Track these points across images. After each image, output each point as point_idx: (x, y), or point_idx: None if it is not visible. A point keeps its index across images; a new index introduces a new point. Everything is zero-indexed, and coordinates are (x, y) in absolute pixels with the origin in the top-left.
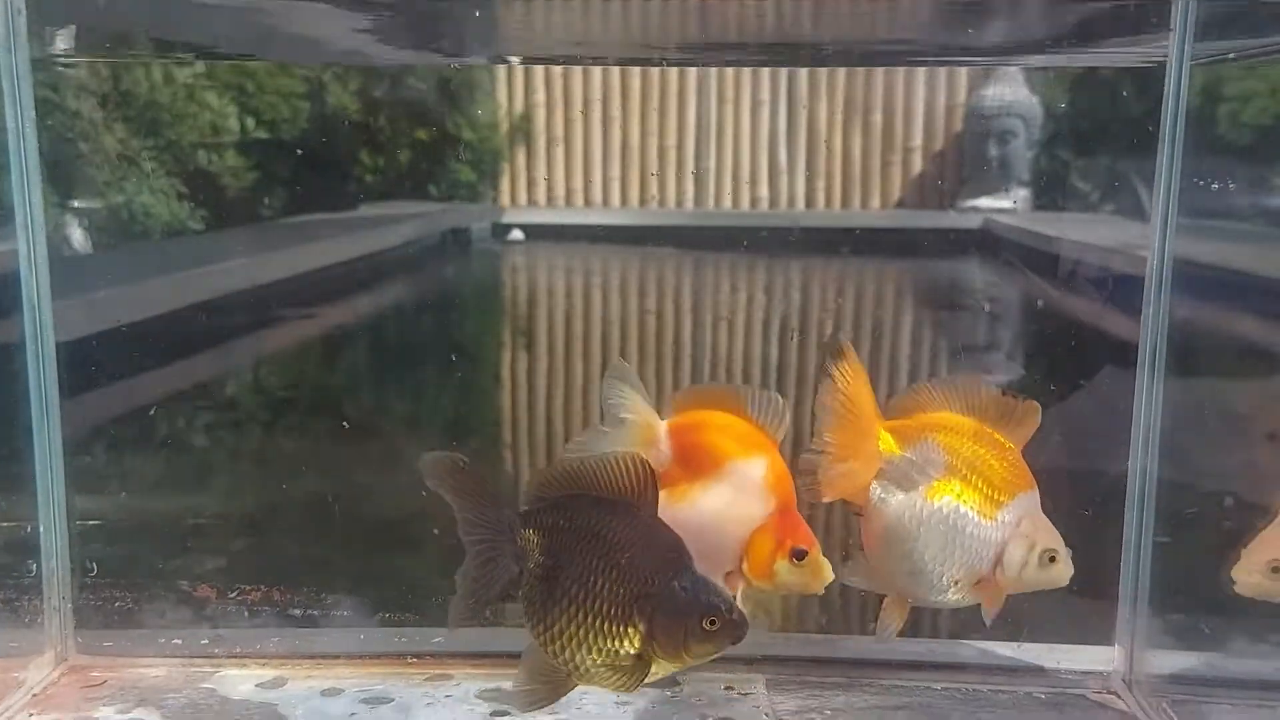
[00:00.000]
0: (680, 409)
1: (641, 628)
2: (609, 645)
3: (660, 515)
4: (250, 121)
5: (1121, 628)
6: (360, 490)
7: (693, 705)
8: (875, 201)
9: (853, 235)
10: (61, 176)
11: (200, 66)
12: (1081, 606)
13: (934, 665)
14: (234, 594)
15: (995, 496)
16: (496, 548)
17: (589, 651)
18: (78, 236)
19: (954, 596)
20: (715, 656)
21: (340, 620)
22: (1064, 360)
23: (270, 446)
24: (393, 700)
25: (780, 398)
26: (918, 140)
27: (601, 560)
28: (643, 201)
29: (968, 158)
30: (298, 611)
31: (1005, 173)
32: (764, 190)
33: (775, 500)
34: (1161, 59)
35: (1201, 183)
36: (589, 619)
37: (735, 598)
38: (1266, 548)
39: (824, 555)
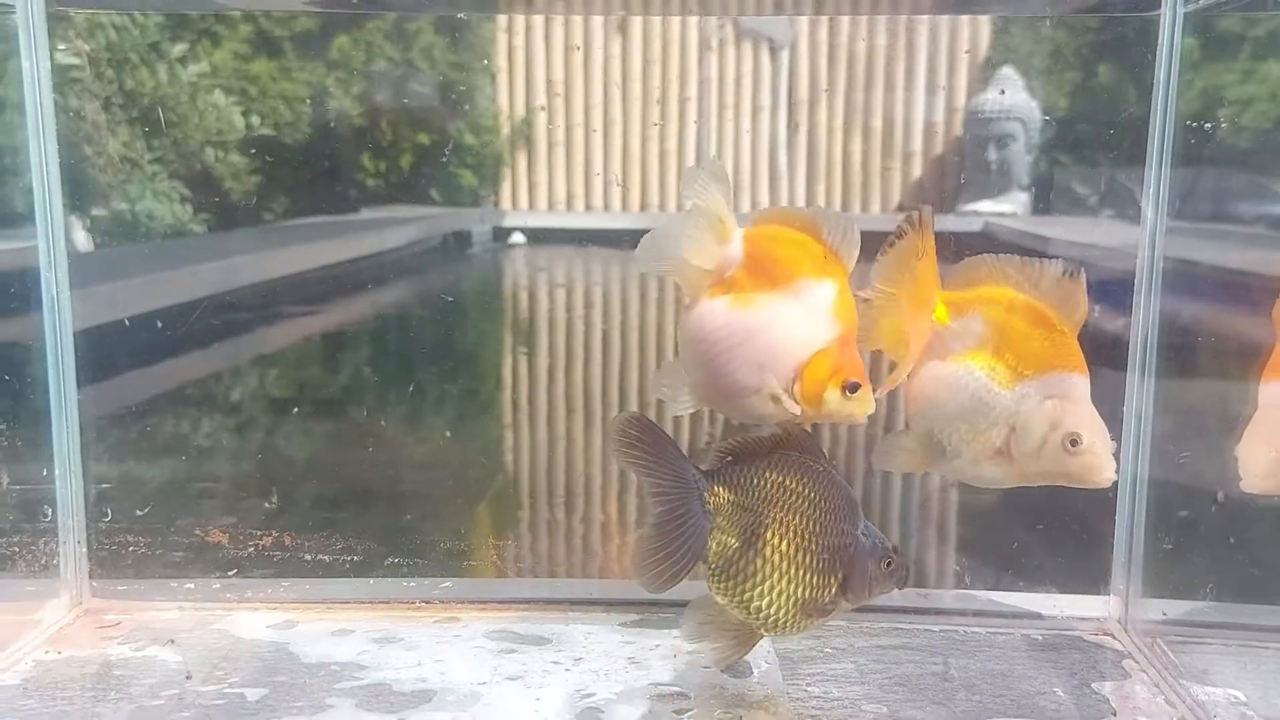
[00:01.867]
0: (758, 223)
1: (840, 576)
2: (811, 595)
3: (719, 315)
4: (255, 120)
5: (1117, 574)
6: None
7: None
8: (875, 205)
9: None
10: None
11: (206, 65)
12: (1080, 555)
13: (934, 610)
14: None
15: (1020, 369)
16: (687, 505)
17: (789, 601)
18: (83, 238)
19: (972, 464)
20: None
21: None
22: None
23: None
24: (402, 640)
25: (854, 225)
26: (917, 145)
27: (797, 515)
28: (643, 206)
29: (967, 162)
30: (308, 558)
31: (1005, 176)
32: (764, 195)
33: (839, 328)
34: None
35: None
36: (793, 570)
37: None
38: (1275, 436)
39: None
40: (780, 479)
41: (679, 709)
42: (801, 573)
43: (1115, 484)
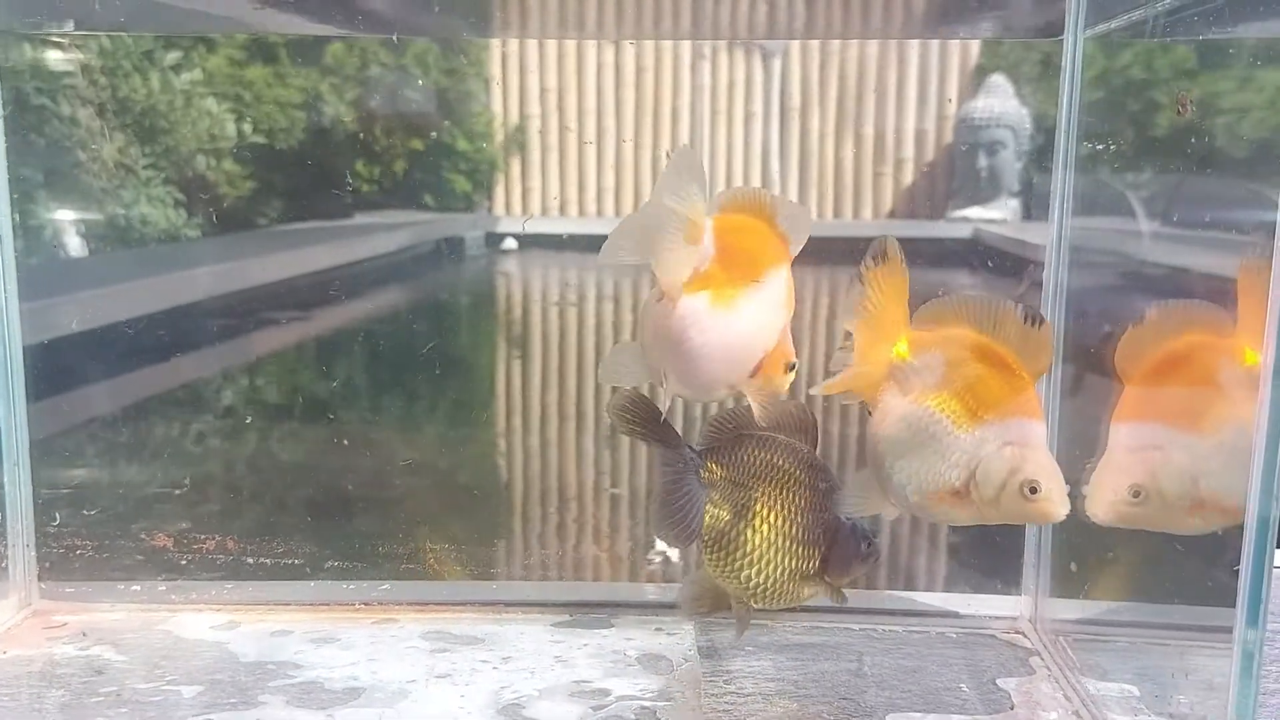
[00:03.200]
0: (724, 209)
1: (824, 550)
2: (797, 565)
3: (702, 315)
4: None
5: (1027, 575)
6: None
7: (626, 641)
8: (867, 212)
9: (844, 243)
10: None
11: (199, 73)
12: (993, 562)
13: (854, 611)
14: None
15: (979, 412)
16: (684, 479)
17: (778, 571)
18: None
19: (929, 503)
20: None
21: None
22: None
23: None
24: (339, 640)
25: (807, 212)
26: (909, 151)
27: (785, 491)
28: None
29: (958, 168)
30: (250, 561)
31: (994, 183)
32: None
33: (789, 314)
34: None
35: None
36: (781, 540)
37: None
38: (1117, 474)
39: None
40: (769, 457)
41: (598, 705)
42: (789, 544)
43: None
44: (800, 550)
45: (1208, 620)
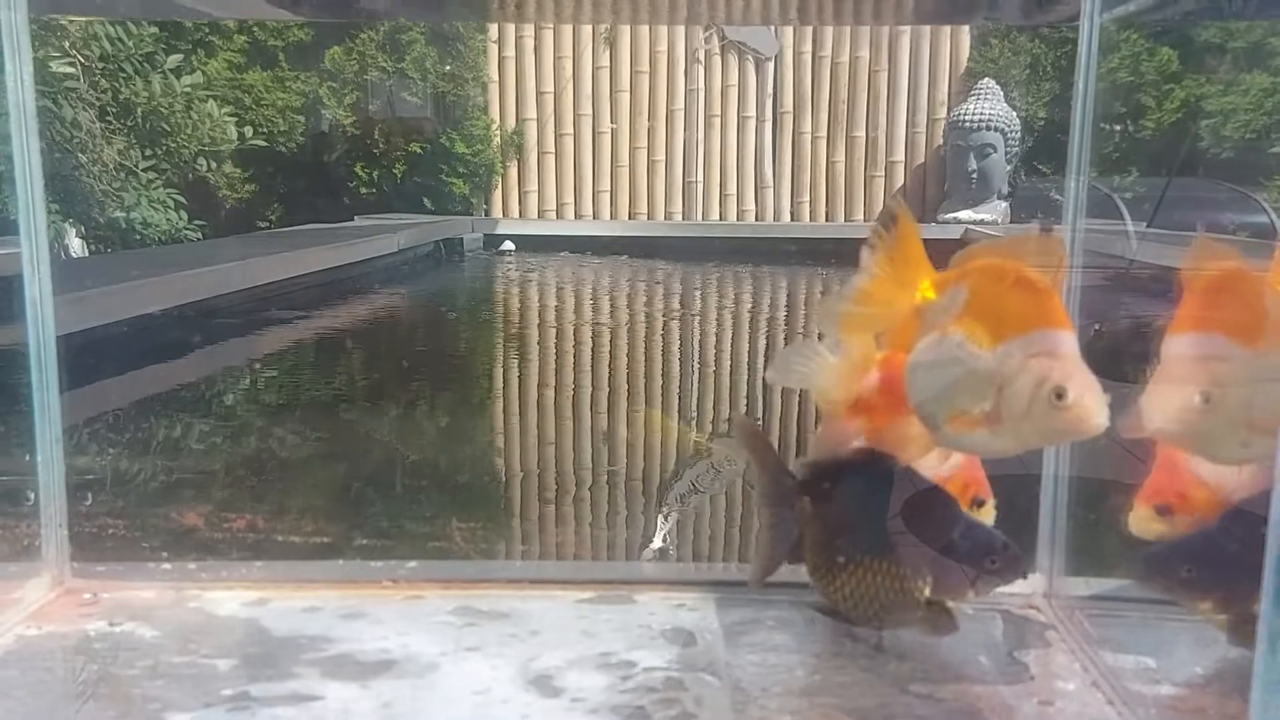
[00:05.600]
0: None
1: (929, 580)
2: (899, 600)
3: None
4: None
5: (1042, 552)
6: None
7: (650, 616)
8: (859, 214)
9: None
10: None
11: (200, 77)
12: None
13: None
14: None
15: (1001, 329)
16: (781, 514)
17: (879, 607)
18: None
19: (964, 433)
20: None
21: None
22: None
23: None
24: (368, 615)
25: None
26: (900, 154)
27: (877, 526)
28: (632, 214)
29: (948, 171)
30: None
31: (984, 185)
32: (750, 204)
33: None
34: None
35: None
36: (875, 578)
37: None
38: (1182, 382)
39: None
40: (861, 492)
41: (625, 675)
42: (880, 578)
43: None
44: (897, 585)
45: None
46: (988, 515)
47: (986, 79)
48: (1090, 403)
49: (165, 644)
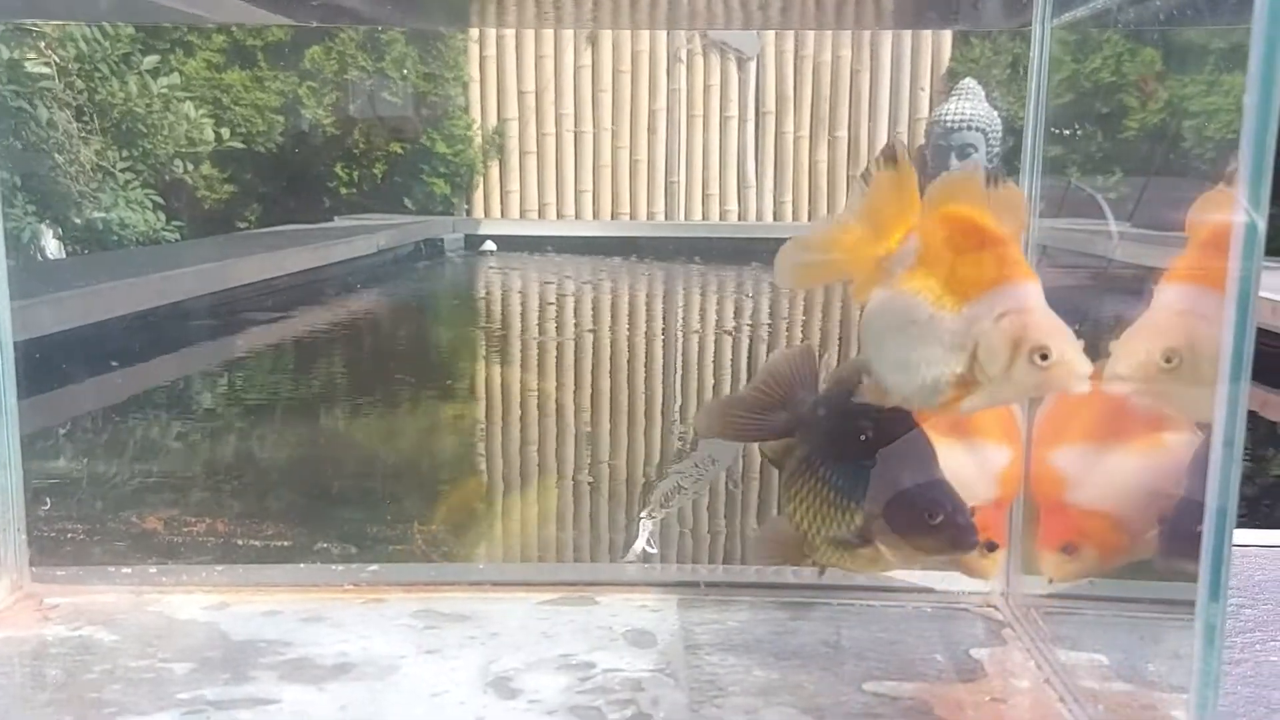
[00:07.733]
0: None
1: (864, 509)
2: (836, 521)
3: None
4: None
5: (999, 554)
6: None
7: (611, 618)
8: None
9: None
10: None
11: (177, 78)
12: None
13: (834, 587)
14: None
15: (962, 288)
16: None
17: (819, 527)
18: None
19: (935, 396)
20: (943, 556)
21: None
22: None
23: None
24: (329, 618)
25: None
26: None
27: (843, 449)
28: (614, 214)
29: (929, 170)
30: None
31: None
32: (733, 203)
33: None
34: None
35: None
36: (824, 491)
37: None
38: (1154, 334)
39: None
40: (847, 417)
41: (584, 676)
42: (827, 491)
43: None
44: (840, 500)
45: (1171, 595)
46: (996, 561)
47: (968, 79)
48: (1071, 356)
49: (124, 648)
